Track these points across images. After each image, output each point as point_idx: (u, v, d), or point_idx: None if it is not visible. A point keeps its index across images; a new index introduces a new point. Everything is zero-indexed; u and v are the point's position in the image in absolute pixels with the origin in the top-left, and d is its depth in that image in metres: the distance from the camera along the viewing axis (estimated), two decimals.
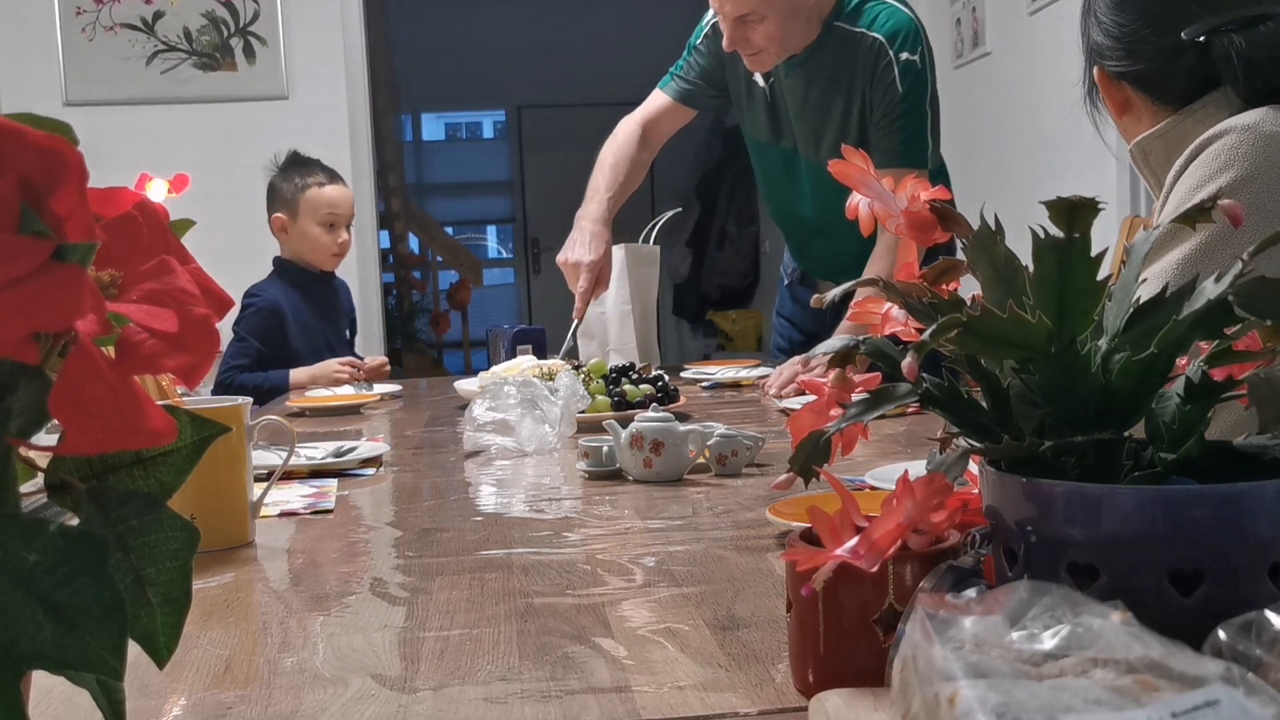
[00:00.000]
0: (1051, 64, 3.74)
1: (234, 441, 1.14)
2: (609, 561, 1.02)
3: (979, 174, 4.46)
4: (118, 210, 0.44)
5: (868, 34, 2.17)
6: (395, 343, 6.99)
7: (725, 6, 2.12)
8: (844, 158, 0.69)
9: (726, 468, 1.38)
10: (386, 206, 7.05)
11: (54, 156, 0.38)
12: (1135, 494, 0.55)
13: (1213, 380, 0.59)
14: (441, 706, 0.70)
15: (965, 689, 0.43)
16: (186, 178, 2.97)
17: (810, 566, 0.61)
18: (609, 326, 2.50)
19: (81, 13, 4.53)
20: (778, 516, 1.04)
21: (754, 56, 2.20)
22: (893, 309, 0.71)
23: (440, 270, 8.01)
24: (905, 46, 2.17)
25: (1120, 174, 3.45)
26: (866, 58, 2.17)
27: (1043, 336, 0.57)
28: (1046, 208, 0.57)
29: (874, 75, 2.17)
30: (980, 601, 0.50)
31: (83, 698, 0.42)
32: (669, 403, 1.84)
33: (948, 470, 0.63)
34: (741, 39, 2.15)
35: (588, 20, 8.27)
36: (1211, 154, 1.08)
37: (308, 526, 1.23)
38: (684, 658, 0.76)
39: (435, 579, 0.98)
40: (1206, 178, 1.07)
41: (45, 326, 0.37)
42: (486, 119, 9.79)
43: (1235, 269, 0.56)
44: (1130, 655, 0.44)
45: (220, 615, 0.91)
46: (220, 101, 4.65)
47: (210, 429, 0.48)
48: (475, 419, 1.62)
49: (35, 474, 0.45)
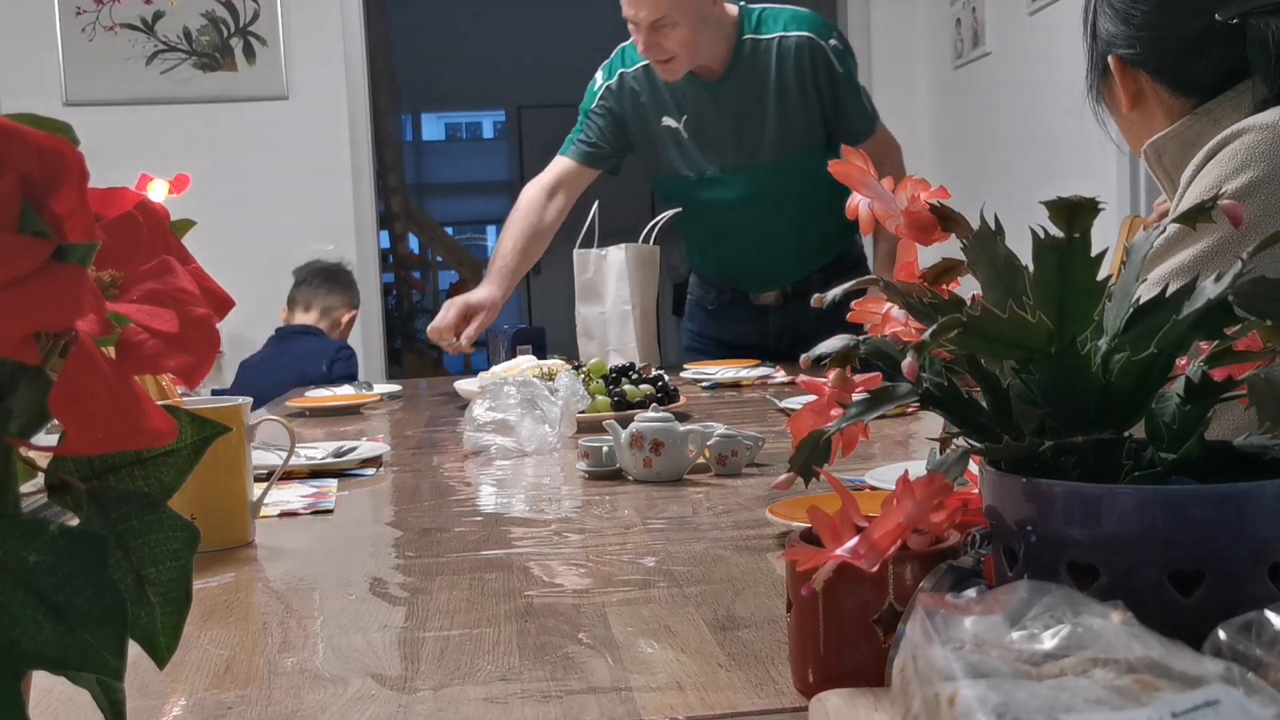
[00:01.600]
0: (1051, 64, 3.74)
1: (234, 441, 1.14)
2: (609, 561, 1.02)
3: (979, 174, 4.47)
4: (118, 210, 0.44)
5: (787, 36, 2.36)
6: (395, 343, 6.99)
7: (640, 13, 2.25)
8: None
9: (726, 468, 1.38)
10: (386, 206, 7.05)
11: (54, 156, 0.38)
12: (1135, 494, 0.55)
13: (1213, 380, 0.59)
14: (441, 706, 0.70)
15: (965, 689, 0.43)
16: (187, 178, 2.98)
17: (810, 566, 0.61)
18: (609, 326, 2.50)
19: (81, 13, 4.53)
20: (778, 516, 1.04)
21: (666, 64, 2.33)
22: (893, 309, 0.71)
23: (440, 270, 8.02)
24: (828, 34, 2.38)
25: (1120, 174, 3.45)
26: (801, 55, 2.35)
27: (1043, 336, 0.57)
28: (1046, 208, 0.57)
29: (815, 66, 2.35)
30: (980, 601, 0.50)
31: (83, 698, 0.42)
32: (669, 403, 1.84)
33: (948, 470, 0.63)
34: (655, 45, 2.29)
35: (588, 20, 8.26)
36: (1229, 153, 1.05)
37: (308, 526, 1.23)
38: (684, 658, 0.76)
39: (435, 579, 0.98)
40: (1223, 178, 1.04)
41: (45, 326, 0.37)
42: (486, 119, 9.79)
43: (1235, 269, 0.56)
44: (1130, 655, 0.44)
45: (220, 615, 0.91)
46: (220, 101, 4.65)
47: (210, 429, 0.48)
48: (475, 419, 1.62)
49: (35, 474, 0.45)
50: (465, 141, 9.93)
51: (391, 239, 7.36)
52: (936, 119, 4.90)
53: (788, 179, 2.44)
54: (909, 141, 2.85)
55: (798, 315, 2.58)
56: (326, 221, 4.81)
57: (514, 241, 2.46)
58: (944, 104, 4.85)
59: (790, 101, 2.37)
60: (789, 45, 2.35)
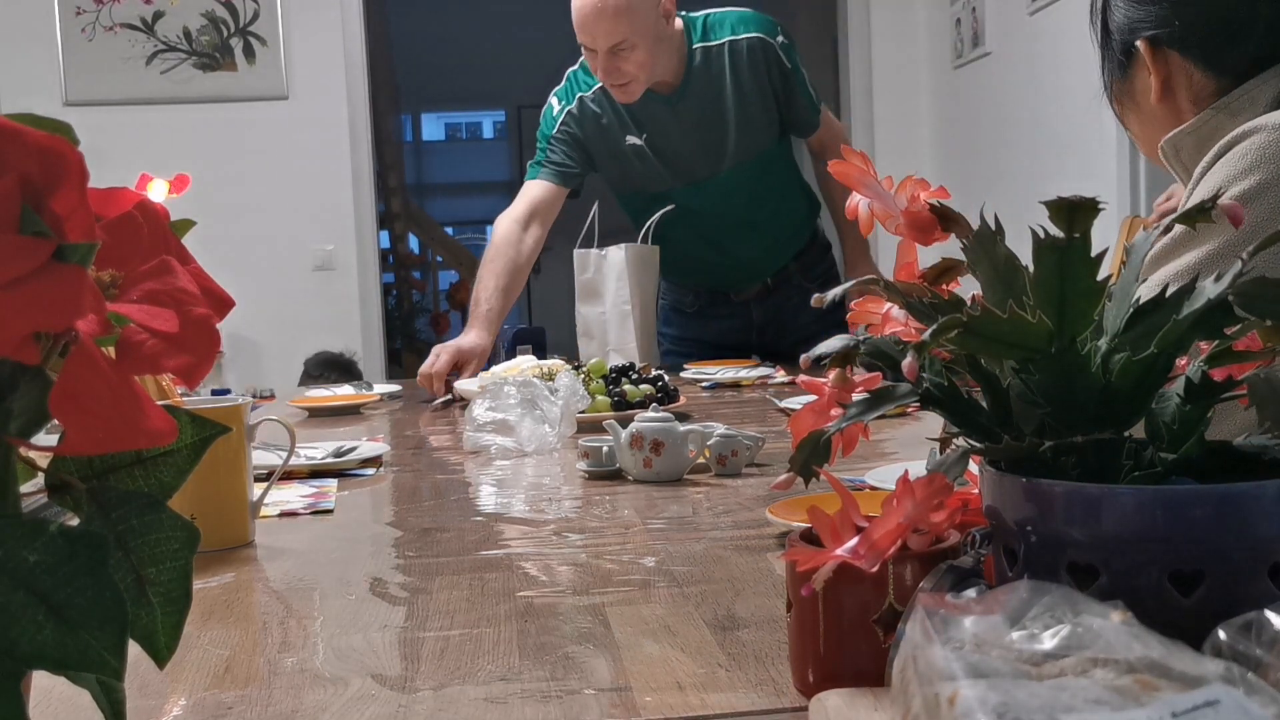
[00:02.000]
0: (1051, 64, 3.74)
1: (234, 441, 1.14)
2: (609, 561, 1.02)
3: (979, 174, 4.47)
4: (118, 210, 0.44)
5: (737, 39, 2.39)
6: (395, 343, 6.99)
7: (598, 40, 2.27)
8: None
9: (726, 468, 1.38)
10: (386, 206, 7.06)
11: (54, 156, 0.38)
12: (1135, 494, 0.55)
13: (1213, 380, 0.59)
14: (441, 706, 0.70)
15: (965, 689, 0.43)
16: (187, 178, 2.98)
17: (810, 566, 0.61)
18: (609, 326, 2.50)
19: (81, 13, 4.54)
20: (778, 516, 1.04)
21: (623, 87, 2.35)
22: (893, 309, 0.71)
23: (440, 270, 8.02)
24: (775, 32, 2.42)
25: (1120, 174, 3.45)
26: (755, 56, 2.39)
27: (1043, 336, 0.57)
28: (1046, 208, 0.57)
29: (768, 65, 2.40)
30: (980, 601, 0.50)
31: (83, 698, 0.42)
32: (669, 403, 1.84)
33: (948, 470, 0.63)
34: (614, 69, 2.29)
35: None
36: (1239, 153, 1.03)
37: (308, 526, 1.23)
38: (684, 658, 0.76)
39: (435, 579, 0.98)
40: (1230, 179, 1.02)
41: (46, 326, 0.37)
42: (486, 119, 9.79)
43: (1235, 269, 0.56)
44: (1130, 655, 0.44)
45: (220, 615, 0.91)
46: (220, 101, 4.66)
47: (210, 429, 0.48)
48: (475, 419, 1.62)
49: (35, 474, 0.45)
50: (465, 141, 9.94)
51: (391, 239, 7.37)
52: (936, 119, 4.91)
53: (755, 176, 2.48)
54: (909, 141, 2.85)
55: (779, 304, 2.60)
56: (326, 221, 4.82)
57: (495, 282, 2.42)
58: (944, 104, 4.85)
59: (749, 103, 2.40)
60: (740, 48, 2.39)
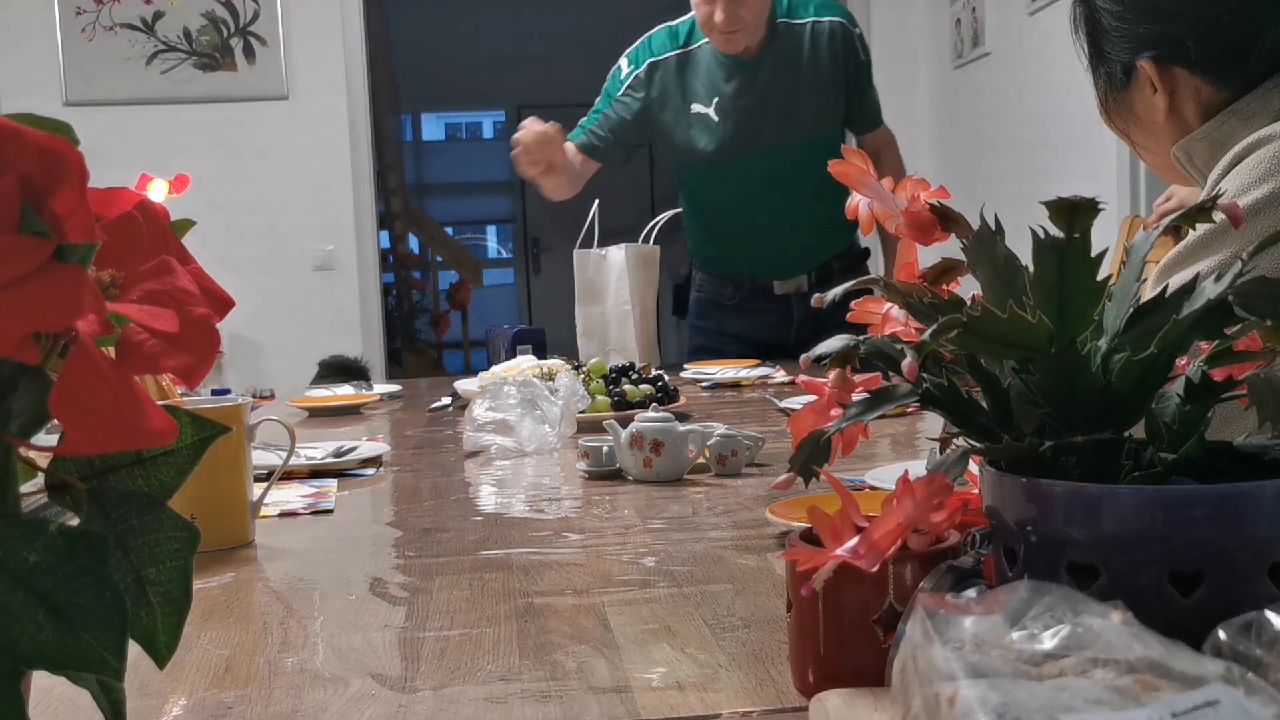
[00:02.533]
0: (1051, 64, 3.73)
1: (234, 441, 1.14)
2: (609, 561, 1.02)
3: (979, 174, 4.47)
4: (118, 210, 0.44)
5: (820, 21, 2.50)
6: (395, 343, 6.99)
7: None
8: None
9: (726, 468, 1.38)
10: (386, 206, 7.06)
11: (54, 156, 0.38)
12: (1135, 494, 0.55)
13: (1213, 380, 0.59)
14: (441, 706, 0.70)
15: (965, 689, 0.43)
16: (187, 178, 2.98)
17: (810, 566, 0.61)
18: (609, 326, 2.51)
19: (81, 13, 4.54)
20: (778, 516, 1.04)
21: (732, 36, 2.40)
22: (893, 309, 0.71)
23: (440, 270, 8.02)
24: (854, 23, 2.56)
25: (1120, 174, 3.45)
26: (834, 40, 2.49)
27: (1043, 337, 0.57)
28: (1046, 208, 0.57)
29: (846, 51, 2.51)
30: (980, 601, 0.50)
31: (83, 698, 0.42)
32: (669, 403, 1.84)
33: (948, 470, 0.63)
34: (734, 15, 2.36)
35: (588, 20, 8.26)
36: (1252, 162, 1.02)
37: (308, 526, 1.23)
38: (684, 658, 0.76)
39: (435, 579, 0.98)
40: (1244, 187, 1.01)
41: (45, 326, 0.37)
42: (486, 119, 9.79)
43: (1235, 269, 0.56)
44: (1130, 655, 0.44)
45: (220, 615, 0.91)
46: (220, 101, 4.66)
47: (210, 429, 0.48)
48: (475, 419, 1.62)
49: (35, 474, 0.45)
50: (465, 141, 9.94)
51: (391, 239, 7.37)
52: (936, 119, 4.90)
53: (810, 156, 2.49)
54: (909, 141, 2.86)
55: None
56: (326, 221, 4.82)
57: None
58: (944, 104, 4.85)
59: (822, 81, 2.48)
60: (822, 29, 2.49)
